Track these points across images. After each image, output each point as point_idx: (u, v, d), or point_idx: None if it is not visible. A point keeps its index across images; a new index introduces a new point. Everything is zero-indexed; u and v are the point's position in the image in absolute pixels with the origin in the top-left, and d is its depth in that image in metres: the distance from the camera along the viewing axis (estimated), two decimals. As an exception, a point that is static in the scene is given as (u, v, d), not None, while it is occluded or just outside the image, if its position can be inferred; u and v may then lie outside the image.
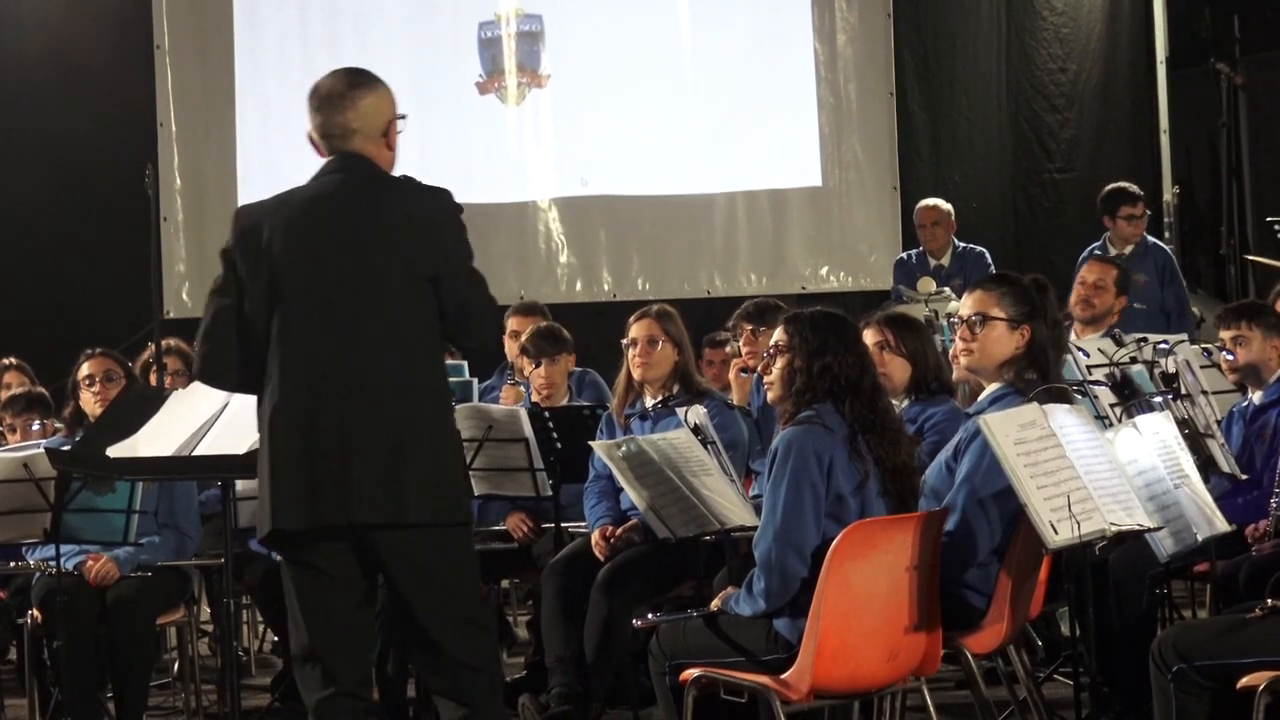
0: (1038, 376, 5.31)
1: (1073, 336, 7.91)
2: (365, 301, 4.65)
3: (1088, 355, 6.80)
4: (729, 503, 5.89)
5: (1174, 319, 10.16)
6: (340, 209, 4.71)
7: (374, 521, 4.61)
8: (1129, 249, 10.36)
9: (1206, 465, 6.08)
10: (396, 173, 5.07)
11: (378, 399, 4.63)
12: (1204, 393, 6.57)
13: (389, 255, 4.67)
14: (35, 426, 7.75)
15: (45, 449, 6.42)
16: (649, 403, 6.96)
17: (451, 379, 8.42)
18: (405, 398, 4.66)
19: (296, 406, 4.63)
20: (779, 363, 5.19)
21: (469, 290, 4.75)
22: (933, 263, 10.80)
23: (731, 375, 7.53)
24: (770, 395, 5.32)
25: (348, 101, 4.75)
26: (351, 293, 4.65)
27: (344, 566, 4.69)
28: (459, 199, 5.40)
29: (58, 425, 7.79)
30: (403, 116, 4.84)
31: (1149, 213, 10.46)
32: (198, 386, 5.94)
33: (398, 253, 4.68)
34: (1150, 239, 10.51)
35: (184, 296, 12.09)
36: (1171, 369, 6.39)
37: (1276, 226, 10.70)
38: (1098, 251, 10.44)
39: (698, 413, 6.23)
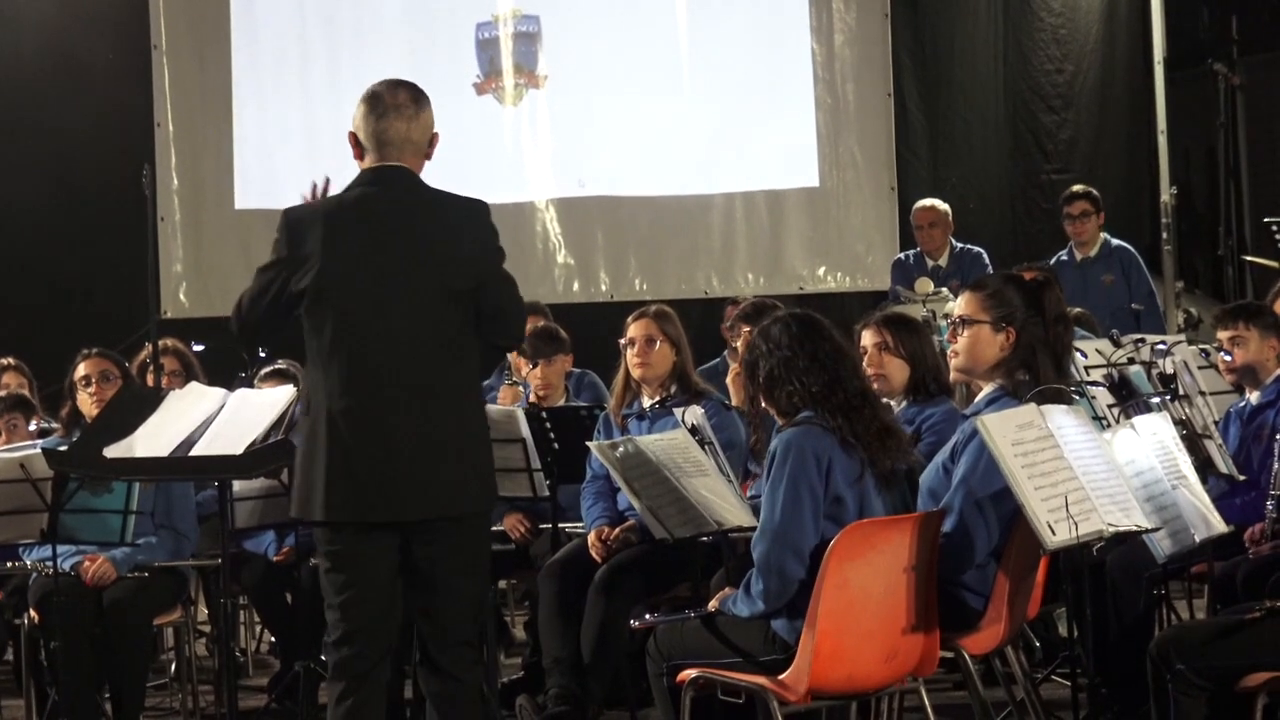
0: (1030, 378, 5.30)
1: None
2: (418, 309, 4.93)
3: (1085, 356, 6.80)
4: (726, 503, 5.88)
5: (1143, 317, 10.20)
6: (386, 220, 4.97)
7: (420, 516, 4.93)
8: (1094, 252, 10.44)
9: (1204, 466, 6.08)
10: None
11: (424, 400, 4.92)
12: (1202, 393, 6.58)
13: (433, 266, 4.96)
14: (32, 427, 7.73)
15: (42, 449, 6.41)
16: (646, 403, 6.96)
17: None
18: (456, 399, 5.00)
19: (363, 407, 4.90)
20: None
21: (505, 294, 5.12)
22: (930, 263, 10.81)
23: (730, 378, 7.53)
24: (734, 399, 5.37)
25: (413, 113, 5.04)
26: (406, 300, 4.93)
27: (385, 555, 4.96)
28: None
29: (48, 424, 7.77)
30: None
31: (1094, 212, 10.48)
32: (195, 386, 5.96)
33: (446, 264, 4.97)
34: (1114, 241, 10.59)
35: (181, 297, 12.09)
36: (1169, 370, 6.40)
37: (1274, 227, 10.71)
38: (1064, 258, 10.50)
39: (695, 413, 6.23)
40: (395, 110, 5.01)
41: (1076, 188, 10.74)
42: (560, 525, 7.04)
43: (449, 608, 5.01)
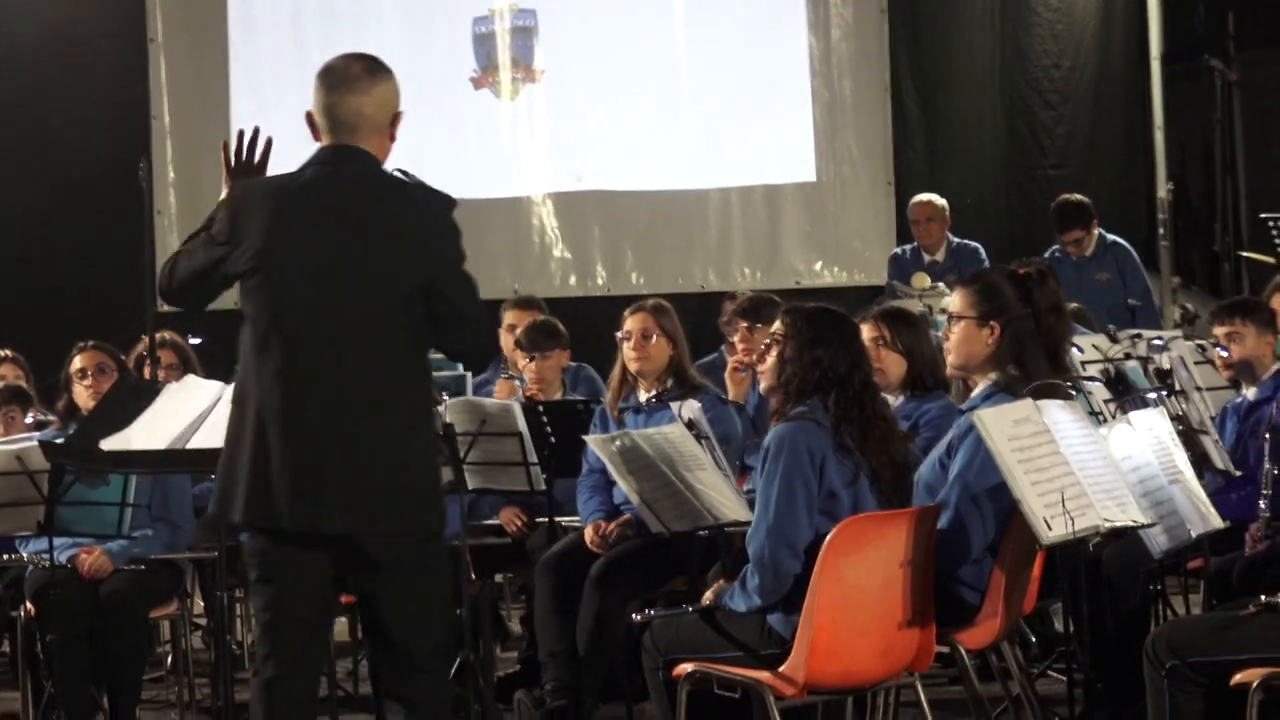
0: (1020, 372, 5.30)
1: None
2: (352, 302, 4.55)
3: (1082, 351, 6.80)
4: (723, 497, 5.89)
5: (1139, 313, 10.21)
6: (333, 205, 4.60)
7: (344, 530, 4.54)
8: (1089, 250, 10.44)
9: (1201, 461, 6.08)
10: (389, 167, 5.05)
11: (357, 403, 4.53)
12: (1198, 389, 6.58)
13: (378, 257, 4.57)
14: (29, 419, 7.72)
15: (39, 442, 6.42)
16: (643, 397, 6.96)
17: (445, 372, 8.47)
18: (394, 404, 4.58)
19: (294, 405, 4.52)
20: (772, 352, 5.21)
21: (461, 296, 4.65)
22: (927, 258, 10.81)
23: (728, 373, 7.54)
24: (763, 385, 5.34)
25: (365, 86, 4.65)
26: (338, 292, 4.55)
27: (314, 568, 4.60)
28: (453, 194, 5.39)
29: (45, 416, 7.77)
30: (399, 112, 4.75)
31: (1088, 231, 10.48)
32: (191, 379, 5.95)
33: (393, 256, 4.58)
34: (1110, 237, 10.59)
35: (177, 290, 12.07)
36: (1166, 365, 6.40)
37: (1271, 223, 10.71)
38: (1059, 255, 10.50)
39: (692, 407, 6.24)
40: (346, 84, 4.63)
41: (1068, 204, 10.58)
42: (556, 519, 7.04)
43: (398, 631, 4.61)
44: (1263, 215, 11.18)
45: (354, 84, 4.65)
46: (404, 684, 4.66)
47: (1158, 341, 6.64)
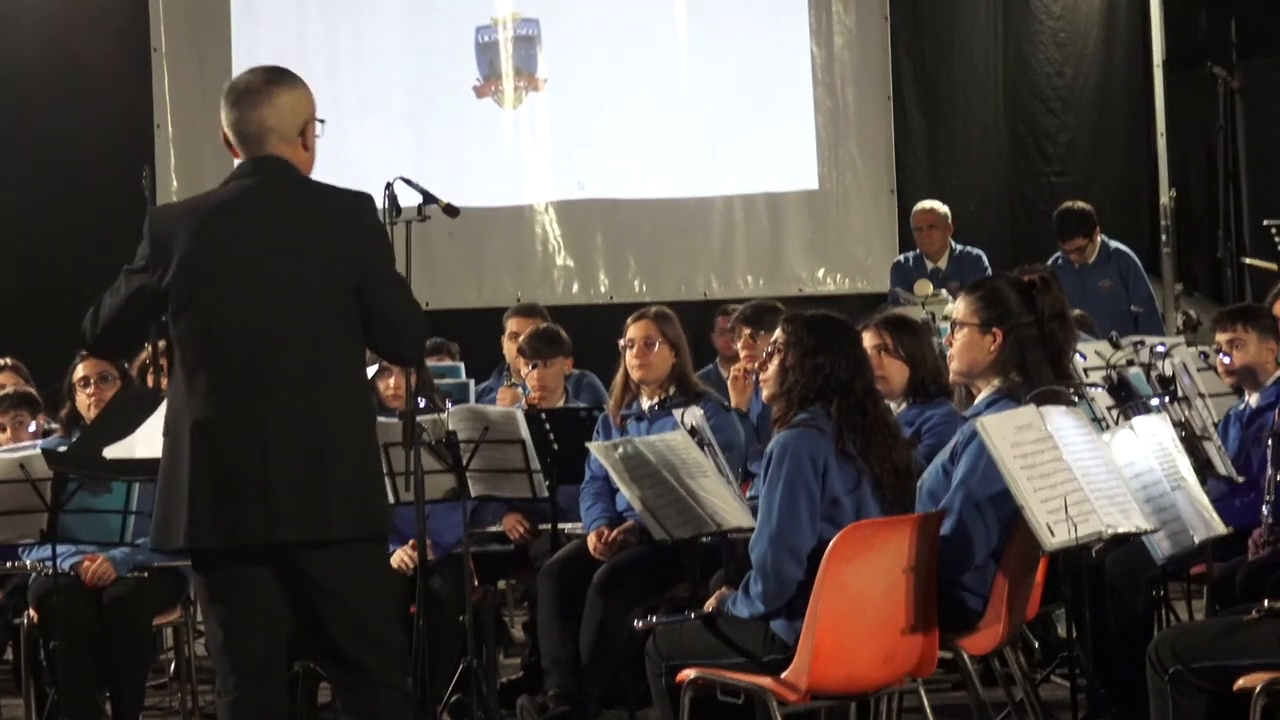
0: (1023, 379, 5.31)
1: None
2: (283, 312, 4.50)
3: (1085, 358, 6.80)
4: (725, 504, 5.89)
5: (1142, 319, 10.21)
6: (256, 216, 4.56)
7: (292, 539, 4.48)
8: (1092, 258, 10.44)
9: (1204, 468, 6.08)
10: (392, 176, 5.02)
11: (296, 411, 4.49)
12: (1201, 395, 6.58)
13: (306, 264, 4.52)
14: (31, 427, 7.73)
15: (42, 450, 6.43)
16: (645, 404, 6.96)
17: (448, 380, 8.48)
18: (324, 409, 4.52)
19: (232, 415, 4.48)
20: (774, 360, 5.21)
21: (390, 297, 4.61)
22: (930, 265, 10.81)
23: (730, 381, 7.54)
24: (765, 393, 5.35)
25: (264, 97, 4.62)
26: (269, 303, 4.50)
27: (263, 584, 4.56)
28: (456, 202, 5.38)
29: (50, 424, 7.77)
30: (321, 121, 4.71)
31: (1090, 240, 10.46)
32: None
33: (315, 261, 4.53)
34: (1113, 244, 10.59)
35: (181, 298, 12.07)
36: (1168, 371, 6.40)
37: (1273, 230, 10.71)
38: (1061, 262, 10.49)
39: (694, 414, 6.24)
40: (248, 98, 4.61)
41: (1070, 212, 10.57)
42: (559, 526, 7.05)
43: (350, 646, 4.56)
44: (1265, 222, 11.18)
45: (254, 97, 4.63)
46: (363, 700, 4.60)
47: (1160, 348, 6.63)
